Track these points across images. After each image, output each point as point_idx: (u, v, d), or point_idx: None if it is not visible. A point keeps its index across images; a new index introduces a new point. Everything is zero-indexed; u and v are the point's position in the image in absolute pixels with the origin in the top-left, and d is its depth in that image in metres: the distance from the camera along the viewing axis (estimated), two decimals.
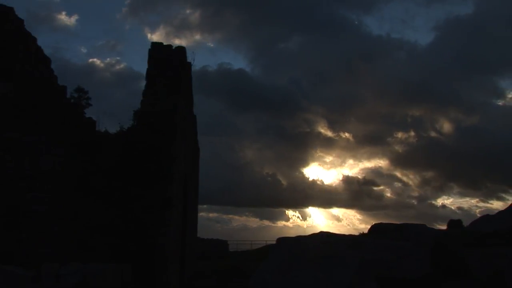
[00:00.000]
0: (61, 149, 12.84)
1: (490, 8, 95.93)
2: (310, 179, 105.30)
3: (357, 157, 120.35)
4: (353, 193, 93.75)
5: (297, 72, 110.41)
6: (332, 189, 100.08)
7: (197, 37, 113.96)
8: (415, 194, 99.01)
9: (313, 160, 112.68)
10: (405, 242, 7.84)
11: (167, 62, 13.68)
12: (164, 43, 14.14)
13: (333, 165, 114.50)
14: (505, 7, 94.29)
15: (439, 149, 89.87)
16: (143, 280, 11.73)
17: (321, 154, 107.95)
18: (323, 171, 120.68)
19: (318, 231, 8.29)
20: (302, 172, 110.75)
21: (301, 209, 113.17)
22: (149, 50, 13.86)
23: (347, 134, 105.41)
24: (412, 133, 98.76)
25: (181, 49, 14.22)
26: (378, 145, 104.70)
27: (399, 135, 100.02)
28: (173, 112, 13.29)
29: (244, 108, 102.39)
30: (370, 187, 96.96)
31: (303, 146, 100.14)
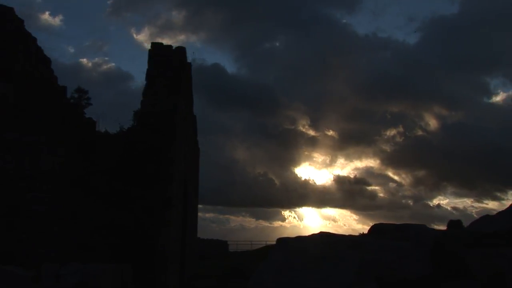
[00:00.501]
0: (61, 149, 12.85)
1: (475, 8, 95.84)
2: (302, 178, 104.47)
3: (347, 156, 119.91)
4: (346, 193, 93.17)
5: (278, 70, 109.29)
6: (325, 189, 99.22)
7: (181, 37, 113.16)
8: (409, 193, 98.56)
9: (303, 159, 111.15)
10: (405, 242, 7.84)
11: (167, 63, 13.69)
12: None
13: (323, 164, 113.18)
14: (489, 7, 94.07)
15: (428, 148, 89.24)
16: (143, 280, 11.73)
17: (309, 152, 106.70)
18: (315, 170, 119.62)
19: (314, 231, 8.29)
20: (294, 172, 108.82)
21: (295, 209, 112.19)
22: (149, 50, 13.86)
23: (331, 132, 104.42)
24: (400, 130, 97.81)
25: (181, 50, 14.23)
26: (365, 143, 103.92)
27: (387, 133, 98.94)
28: (173, 113, 13.30)
29: (222, 105, 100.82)
30: (362, 186, 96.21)
31: (290, 145, 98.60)
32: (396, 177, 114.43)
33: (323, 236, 7.69)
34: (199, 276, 22.48)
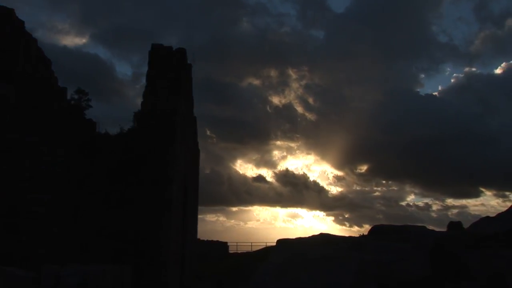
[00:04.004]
0: (61, 150, 12.85)
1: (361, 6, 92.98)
2: (241, 172, 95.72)
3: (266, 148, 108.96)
4: (297, 192, 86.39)
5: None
6: (278, 188, 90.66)
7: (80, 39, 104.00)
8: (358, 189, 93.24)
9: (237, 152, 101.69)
10: (405, 243, 7.86)
11: (167, 63, 13.67)
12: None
13: (264, 162, 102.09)
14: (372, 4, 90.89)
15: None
16: (143, 281, 11.73)
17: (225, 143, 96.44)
18: (251, 166, 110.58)
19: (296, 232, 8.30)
20: (230, 167, 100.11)
21: (244, 207, 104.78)
22: (149, 51, 13.83)
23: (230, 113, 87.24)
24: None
25: (181, 50, 14.21)
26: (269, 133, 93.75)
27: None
28: (173, 114, 13.28)
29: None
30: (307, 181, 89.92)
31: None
32: (340, 173, 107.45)
33: (324, 237, 7.71)
34: (199, 277, 22.46)
